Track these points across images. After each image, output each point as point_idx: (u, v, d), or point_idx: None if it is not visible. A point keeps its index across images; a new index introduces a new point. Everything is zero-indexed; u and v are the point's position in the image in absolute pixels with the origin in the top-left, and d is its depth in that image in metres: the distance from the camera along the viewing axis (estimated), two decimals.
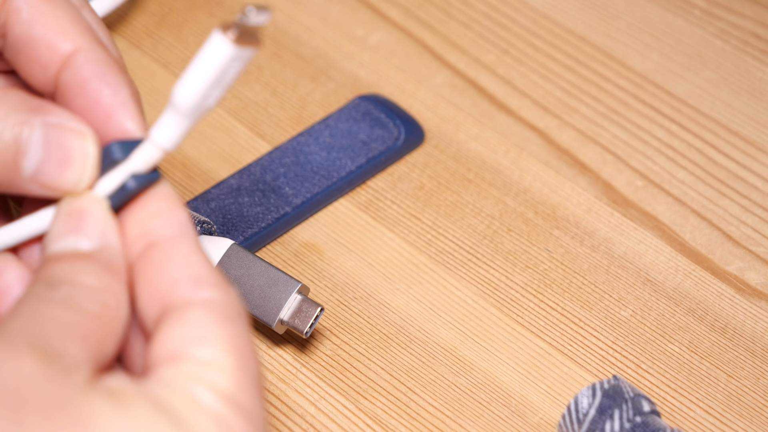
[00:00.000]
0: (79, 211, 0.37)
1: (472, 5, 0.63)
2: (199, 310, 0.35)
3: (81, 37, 0.39)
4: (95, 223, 0.37)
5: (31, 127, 0.37)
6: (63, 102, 0.39)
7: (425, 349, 0.50)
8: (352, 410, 0.48)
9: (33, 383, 0.32)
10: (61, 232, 0.37)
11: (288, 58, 0.60)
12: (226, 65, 0.36)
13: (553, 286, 0.52)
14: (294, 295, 0.47)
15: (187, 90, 0.36)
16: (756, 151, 0.57)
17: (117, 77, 0.38)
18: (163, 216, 0.37)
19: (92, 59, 0.38)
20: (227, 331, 0.35)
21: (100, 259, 0.36)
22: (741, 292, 0.52)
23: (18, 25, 0.38)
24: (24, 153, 0.37)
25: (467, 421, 0.48)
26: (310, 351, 0.50)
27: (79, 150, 0.37)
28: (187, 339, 0.35)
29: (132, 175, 0.38)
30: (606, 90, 0.59)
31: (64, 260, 0.36)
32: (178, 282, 0.36)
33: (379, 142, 0.56)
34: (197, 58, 0.36)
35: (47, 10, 0.39)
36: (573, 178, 0.56)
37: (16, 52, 0.39)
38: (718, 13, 0.63)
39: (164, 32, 0.61)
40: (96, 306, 0.35)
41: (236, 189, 0.53)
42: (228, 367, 0.35)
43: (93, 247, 0.36)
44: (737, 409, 0.48)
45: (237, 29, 0.36)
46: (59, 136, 0.37)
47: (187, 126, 0.37)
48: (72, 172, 0.37)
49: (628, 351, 0.50)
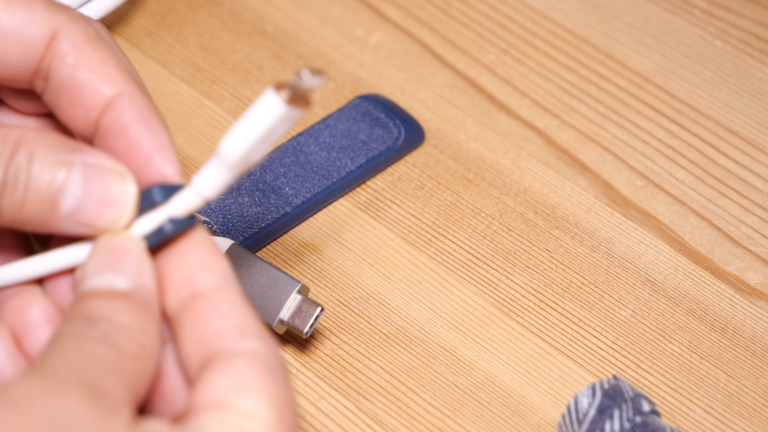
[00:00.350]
0: (117, 249, 0.38)
1: (472, 5, 0.63)
2: (244, 360, 0.36)
3: (124, 82, 0.40)
4: (132, 263, 0.38)
5: (70, 166, 0.38)
6: (102, 144, 0.40)
7: (425, 349, 0.50)
8: (352, 410, 0.48)
9: (82, 422, 0.33)
10: (98, 269, 0.38)
11: (288, 58, 0.60)
12: (275, 124, 0.37)
13: (553, 286, 0.52)
14: (294, 295, 0.47)
15: (235, 144, 0.37)
16: (756, 151, 0.57)
17: (157, 122, 0.40)
18: (206, 267, 0.38)
19: (135, 103, 0.39)
20: (270, 385, 0.36)
21: (136, 299, 0.37)
22: (741, 292, 0.52)
23: (63, 69, 0.39)
24: (63, 192, 0.38)
25: (467, 421, 0.48)
26: (310, 351, 0.50)
27: (120, 190, 0.38)
28: (231, 389, 0.35)
29: (170, 218, 0.38)
30: (606, 90, 0.59)
31: (101, 298, 0.37)
32: (223, 331, 0.37)
33: (379, 142, 0.56)
34: (248, 113, 0.37)
35: (92, 55, 0.40)
36: (573, 178, 0.56)
37: (59, 94, 0.40)
38: (718, 13, 0.63)
39: (164, 32, 0.61)
40: (132, 345, 0.36)
41: (236, 189, 0.53)
42: (268, 421, 0.35)
43: (129, 286, 0.37)
44: (737, 409, 0.48)
45: (290, 90, 0.37)
46: (99, 176, 0.38)
47: (230, 178, 0.38)
48: (112, 211, 0.38)
49: (628, 351, 0.50)
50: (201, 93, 0.59)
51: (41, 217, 0.38)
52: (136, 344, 0.36)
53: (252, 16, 0.62)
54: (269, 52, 0.61)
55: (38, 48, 0.39)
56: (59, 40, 0.39)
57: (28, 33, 0.39)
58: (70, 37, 0.39)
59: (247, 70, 0.60)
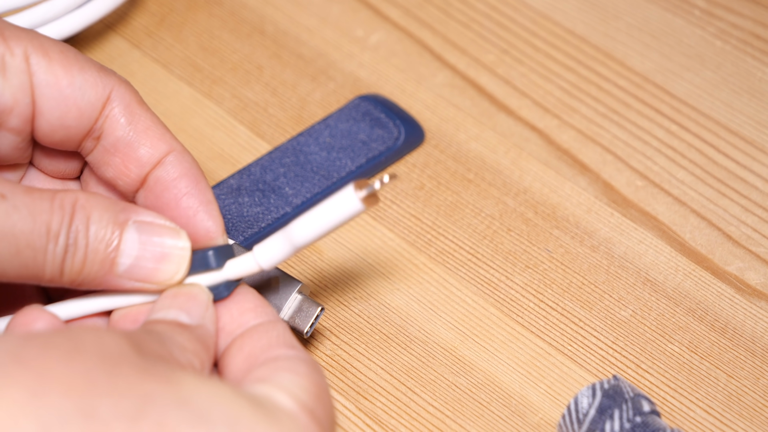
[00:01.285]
0: (187, 294, 0.41)
1: (472, 5, 0.63)
2: (294, 358, 0.39)
3: (173, 140, 0.43)
4: (199, 306, 0.40)
5: (125, 226, 0.40)
6: (148, 197, 0.43)
7: (425, 349, 0.50)
8: (352, 410, 0.48)
9: (128, 351, 0.35)
10: (167, 306, 0.40)
11: (288, 58, 0.60)
12: (347, 217, 0.40)
13: (553, 286, 0.52)
14: (294, 295, 0.47)
15: (308, 229, 0.40)
16: (756, 151, 0.57)
17: (202, 178, 0.43)
18: (257, 311, 0.41)
19: (182, 160, 0.43)
20: (315, 375, 0.38)
21: (196, 332, 0.39)
22: (741, 292, 0.52)
23: (118, 128, 0.42)
24: (120, 251, 0.40)
25: (467, 421, 0.48)
26: (310, 351, 0.50)
27: (175, 245, 0.41)
28: (278, 368, 0.38)
29: (226, 282, 0.42)
30: (606, 90, 0.59)
31: (165, 324, 0.39)
32: (276, 346, 0.39)
33: (379, 142, 0.56)
34: (325, 203, 0.40)
35: (144, 115, 0.43)
36: (573, 178, 0.56)
37: (112, 153, 0.43)
38: (718, 13, 0.63)
39: (164, 32, 0.61)
40: (183, 360, 0.38)
41: (236, 189, 0.53)
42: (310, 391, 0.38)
43: (192, 323, 0.40)
44: (737, 409, 0.48)
45: (368, 191, 0.40)
46: (153, 233, 0.41)
47: (288, 255, 0.41)
48: (168, 267, 0.41)
49: (628, 351, 0.50)
50: (201, 93, 0.59)
51: (99, 277, 0.40)
52: (186, 360, 0.37)
53: (252, 16, 0.62)
54: (269, 52, 0.61)
55: (95, 110, 0.42)
56: (112, 101, 0.42)
57: (87, 96, 0.42)
58: (122, 99, 0.42)
59: (247, 70, 0.60)
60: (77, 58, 0.42)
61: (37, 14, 0.56)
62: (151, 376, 0.34)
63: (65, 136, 0.42)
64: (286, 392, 0.37)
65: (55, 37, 0.56)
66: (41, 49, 0.41)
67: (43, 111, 0.41)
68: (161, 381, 0.34)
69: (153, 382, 0.34)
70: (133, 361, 0.34)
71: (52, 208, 0.39)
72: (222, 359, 0.40)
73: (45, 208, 0.39)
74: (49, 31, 0.56)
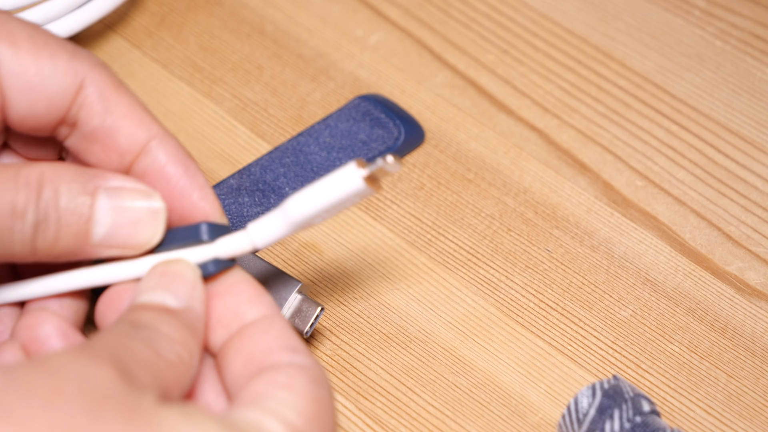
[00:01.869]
0: (173, 272, 0.39)
1: (472, 5, 0.63)
2: (293, 368, 0.37)
3: (154, 125, 0.41)
4: (185, 286, 0.39)
5: (95, 194, 0.39)
6: None
7: (425, 349, 0.50)
8: (352, 410, 0.48)
9: (112, 388, 0.34)
10: (152, 287, 0.39)
11: (288, 58, 0.60)
12: (348, 196, 0.38)
13: (553, 286, 0.52)
14: (294, 295, 0.47)
15: (304, 203, 0.39)
16: (756, 151, 0.57)
17: (192, 163, 0.41)
18: (253, 301, 0.40)
19: (168, 145, 0.41)
20: (314, 389, 0.37)
21: (183, 317, 0.38)
22: (741, 292, 0.52)
23: (94, 117, 0.41)
24: (93, 221, 0.39)
25: (467, 421, 0.48)
26: (310, 351, 0.50)
27: (149, 208, 0.39)
28: (274, 383, 0.37)
29: (215, 258, 0.40)
30: (606, 90, 0.59)
31: (151, 310, 0.38)
32: (276, 349, 0.38)
33: (379, 142, 0.56)
34: (325, 179, 0.38)
35: (120, 101, 0.41)
36: (573, 178, 0.56)
37: (90, 141, 0.41)
38: (718, 13, 0.63)
39: (164, 32, 0.61)
40: (172, 355, 0.36)
41: (236, 189, 0.53)
42: (305, 412, 0.36)
43: (179, 306, 0.38)
44: (737, 409, 0.48)
45: (371, 169, 0.38)
46: (126, 198, 0.39)
47: (285, 234, 0.39)
48: (145, 230, 0.39)
49: (628, 351, 0.50)
50: (201, 93, 0.59)
51: (75, 248, 0.39)
52: (175, 355, 0.36)
53: (252, 16, 0.62)
54: (269, 52, 0.61)
55: (67, 98, 0.40)
56: (86, 88, 0.40)
57: (57, 85, 0.40)
58: (97, 85, 0.40)
59: (247, 70, 0.60)
60: (48, 44, 0.40)
61: (37, 14, 0.56)
62: (134, 421, 0.33)
63: (37, 124, 0.41)
64: (278, 419, 0.36)
65: None
66: (9, 37, 0.39)
67: (11, 101, 0.40)
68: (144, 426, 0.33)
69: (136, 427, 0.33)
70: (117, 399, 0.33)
71: (17, 186, 0.38)
72: (221, 358, 0.39)
73: (9, 186, 0.37)
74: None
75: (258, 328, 0.39)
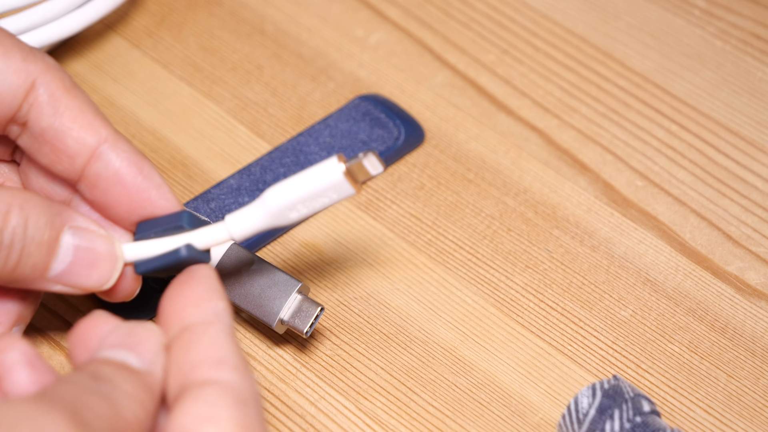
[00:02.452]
0: (139, 336, 0.39)
1: (472, 5, 0.63)
2: (215, 390, 0.37)
3: (104, 128, 0.41)
4: (150, 350, 0.38)
5: (60, 230, 0.39)
6: (95, 191, 0.41)
7: (425, 349, 0.50)
8: (352, 410, 0.48)
9: None
10: (117, 344, 0.38)
11: (288, 58, 0.60)
12: (326, 187, 0.38)
13: (553, 286, 0.52)
14: (294, 295, 0.47)
15: (283, 193, 0.39)
16: (756, 151, 0.57)
17: (146, 163, 0.41)
18: (199, 303, 0.39)
19: (120, 149, 0.41)
20: (238, 414, 0.36)
21: (143, 378, 0.38)
22: (741, 292, 0.52)
23: (43, 118, 0.41)
24: (54, 256, 0.39)
25: (467, 421, 0.48)
26: (310, 351, 0.50)
27: (109, 253, 0.40)
28: (199, 418, 0.36)
29: (188, 244, 0.40)
30: (606, 90, 0.59)
31: (113, 366, 0.38)
32: (200, 363, 0.38)
33: (379, 142, 0.56)
34: (304, 171, 0.39)
35: (71, 104, 0.41)
36: (573, 178, 0.56)
37: (40, 142, 0.41)
38: (718, 13, 0.63)
39: (164, 32, 0.61)
40: (129, 412, 0.36)
41: (236, 189, 0.53)
42: None
43: (141, 367, 0.38)
44: (737, 409, 0.48)
45: (352, 163, 0.38)
46: (88, 240, 0.40)
47: (263, 226, 0.40)
48: (100, 273, 0.40)
49: (628, 351, 0.50)
50: (201, 93, 0.59)
51: (30, 278, 0.40)
52: (132, 413, 0.36)
53: (252, 16, 0.62)
54: (269, 52, 0.61)
55: (17, 98, 0.40)
56: (37, 89, 0.41)
57: (7, 83, 0.40)
58: (48, 87, 0.41)
59: (247, 70, 0.60)
60: (2, 42, 0.40)
61: (37, 14, 0.56)
62: None
63: None
64: None
65: (55, 37, 0.56)
66: None
67: None
68: None
69: None
70: None
71: None
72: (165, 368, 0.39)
73: None
74: (49, 31, 0.56)
75: (192, 337, 0.38)
